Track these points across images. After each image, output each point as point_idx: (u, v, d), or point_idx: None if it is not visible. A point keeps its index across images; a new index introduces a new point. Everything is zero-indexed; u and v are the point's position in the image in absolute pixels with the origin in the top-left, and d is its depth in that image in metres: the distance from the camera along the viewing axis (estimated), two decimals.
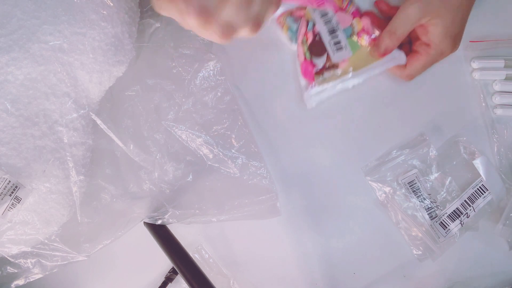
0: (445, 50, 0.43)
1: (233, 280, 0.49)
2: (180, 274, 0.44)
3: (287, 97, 0.49)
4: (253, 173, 0.46)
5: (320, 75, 0.46)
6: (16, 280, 0.43)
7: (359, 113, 0.49)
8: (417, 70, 0.45)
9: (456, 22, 0.42)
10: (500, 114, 0.48)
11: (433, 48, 0.43)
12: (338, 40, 0.45)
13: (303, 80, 0.47)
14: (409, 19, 0.42)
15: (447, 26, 0.42)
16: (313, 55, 0.45)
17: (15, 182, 0.37)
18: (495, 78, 0.48)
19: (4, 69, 0.37)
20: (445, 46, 0.43)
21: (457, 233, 0.46)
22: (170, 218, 0.45)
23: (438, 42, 0.42)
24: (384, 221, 0.49)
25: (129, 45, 0.43)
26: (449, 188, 0.48)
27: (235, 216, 0.45)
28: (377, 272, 0.49)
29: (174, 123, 0.46)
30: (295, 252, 0.49)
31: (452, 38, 0.42)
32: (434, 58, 0.44)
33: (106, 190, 0.45)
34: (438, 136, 0.49)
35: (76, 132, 0.41)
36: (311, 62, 0.45)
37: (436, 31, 0.42)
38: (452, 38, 0.42)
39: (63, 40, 0.38)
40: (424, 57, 0.43)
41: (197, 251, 0.49)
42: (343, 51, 0.45)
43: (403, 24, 0.42)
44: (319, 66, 0.45)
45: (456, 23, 0.42)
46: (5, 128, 0.37)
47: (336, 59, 0.45)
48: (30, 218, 0.40)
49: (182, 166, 0.46)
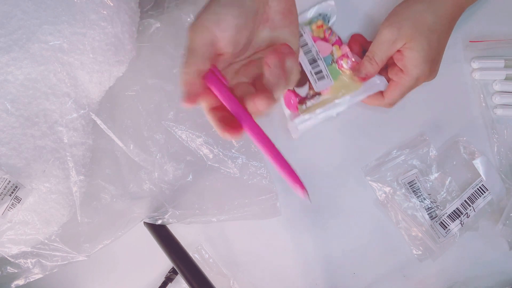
0: (420, 75, 0.41)
1: (233, 280, 0.49)
2: (180, 274, 0.44)
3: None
4: (253, 173, 0.46)
5: (303, 104, 0.45)
6: (16, 280, 0.43)
7: (359, 113, 0.49)
8: (395, 98, 0.43)
9: (433, 47, 0.40)
10: (500, 114, 0.48)
11: (407, 74, 0.41)
12: (319, 69, 0.44)
13: (286, 110, 0.47)
14: (384, 42, 0.41)
15: (423, 49, 0.40)
16: (295, 85, 0.45)
17: (15, 182, 0.37)
18: (495, 78, 0.48)
19: (4, 69, 0.37)
20: (420, 71, 0.41)
21: (457, 233, 0.46)
22: (170, 218, 0.45)
23: (413, 67, 0.41)
24: (384, 221, 0.49)
25: (129, 45, 0.43)
26: (449, 188, 0.48)
27: (235, 216, 0.45)
28: (377, 272, 0.49)
29: (174, 123, 0.46)
30: (295, 252, 0.49)
31: (428, 63, 0.41)
32: (410, 85, 0.42)
33: (106, 190, 0.45)
34: (438, 136, 0.49)
35: (76, 132, 0.41)
36: (294, 92, 0.45)
37: (411, 55, 0.40)
38: (428, 63, 0.41)
39: (63, 40, 0.38)
40: (399, 85, 0.42)
41: (197, 251, 0.49)
42: (325, 80, 0.45)
43: (380, 48, 0.41)
44: (302, 95, 0.45)
45: (432, 48, 0.40)
46: (5, 128, 0.37)
47: (319, 88, 0.45)
48: (30, 218, 0.40)
49: (182, 166, 0.46)
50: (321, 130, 0.49)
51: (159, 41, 0.47)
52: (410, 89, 0.43)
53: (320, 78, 0.45)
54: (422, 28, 0.40)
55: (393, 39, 0.40)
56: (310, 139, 0.49)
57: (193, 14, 0.48)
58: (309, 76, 0.45)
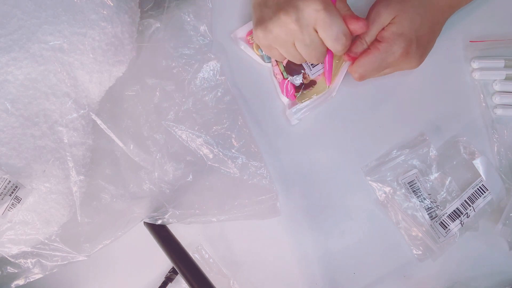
0: (395, 50, 0.41)
1: (233, 280, 0.49)
2: (180, 274, 0.44)
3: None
4: (253, 173, 0.46)
5: (300, 91, 0.47)
6: (16, 280, 0.43)
7: (359, 113, 0.49)
8: (367, 69, 0.42)
9: (417, 28, 0.41)
10: (500, 114, 0.48)
11: (384, 43, 0.41)
12: None
13: (284, 98, 0.48)
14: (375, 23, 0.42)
15: (404, 26, 0.41)
16: (290, 74, 0.47)
17: (15, 182, 0.37)
18: (495, 78, 0.48)
19: (4, 69, 0.37)
20: (396, 46, 0.41)
21: (457, 233, 0.46)
22: (170, 218, 0.45)
23: (389, 37, 0.41)
24: (384, 221, 0.49)
25: (129, 45, 0.43)
26: (449, 188, 0.48)
27: (235, 216, 0.45)
28: (377, 272, 0.49)
29: (174, 123, 0.46)
30: (295, 252, 0.49)
31: (405, 41, 0.41)
32: (383, 57, 0.41)
33: (106, 190, 0.45)
34: (438, 136, 0.49)
35: (76, 132, 0.41)
36: (289, 80, 0.47)
37: (391, 28, 0.41)
38: (406, 40, 0.41)
39: (63, 40, 0.38)
40: (372, 53, 0.42)
41: (197, 251, 0.49)
42: (318, 65, 0.46)
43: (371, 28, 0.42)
44: (297, 83, 0.47)
45: (415, 28, 0.41)
46: (5, 128, 0.37)
47: (313, 74, 0.47)
48: (30, 218, 0.40)
49: (182, 166, 0.46)
50: (321, 129, 0.49)
51: (159, 41, 0.47)
52: (383, 63, 0.42)
53: (314, 65, 0.46)
54: (407, 7, 0.41)
55: (382, 19, 0.41)
56: (310, 139, 0.49)
57: (193, 14, 0.48)
58: (303, 64, 0.46)
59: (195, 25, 0.48)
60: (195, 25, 0.48)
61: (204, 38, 0.48)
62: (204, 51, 0.48)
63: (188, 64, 0.47)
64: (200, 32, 0.48)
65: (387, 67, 0.43)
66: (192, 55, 0.47)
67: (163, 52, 0.47)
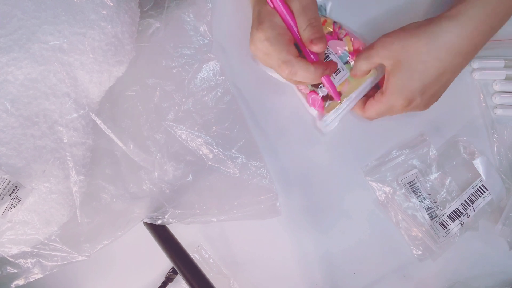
0: (394, 104, 0.40)
1: (233, 280, 0.49)
2: (180, 274, 0.44)
3: (287, 97, 0.49)
4: (253, 173, 0.46)
5: (327, 101, 0.46)
6: (16, 280, 0.43)
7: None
8: (372, 116, 0.44)
9: (414, 79, 0.38)
10: (500, 114, 0.48)
11: (384, 97, 0.41)
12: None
13: (313, 110, 0.47)
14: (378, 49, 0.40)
15: (403, 78, 0.38)
16: (314, 86, 0.46)
17: (15, 182, 0.37)
18: (495, 78, 0.48)
19: (4, 69, 0.37)
20: (394, 100, 0.40)
21: (457, 233, 0.46)
22: (170, 218, 0.45)
23: (389, 93, 0.40)
24: (384, 221, 0.49)
25: (129, 45, 0.43)
26: (449, 188, 0.48)
27: (235, 216, 0.45)
28: (377, 272, 0.49)
29: (174, 123, 0.46)
30: (295, 252, 0.49)
31: (407, 96, 0.39)
32: (386, 109, 0.42)
33: (106, 190, 0.45)
34: (438, 136, 0.49)
35: (76, 132, 0.41)
36: (316, 92, 0.46)
37: (391, 79, 0.39)
38: (407, 95, 0.39)
39: (63, 40, 0.38)
40: (377, 105, 0.42)
41: (197, 251, 0.49)
42: (340, 72, 0.45)
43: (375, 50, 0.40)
44: (324, 94, 0.45)
45: (416, 80, 0.38)
46: (5, 128, 0.37)
47: (337, 81, 0.45)
48: (30, 218, 0.40)
49: (182, 166, 0.46)
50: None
51: (159, 41, 0.47)
52: (387, 114, 0.43)
53: (337, 72, 0.45)
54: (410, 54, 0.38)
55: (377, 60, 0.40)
56: (310, 139, 0.49)
57: (193, 14, 0.48)
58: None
59: (195, 25, 0.48)
60: (195, 25, 0.48)
61: (204, 38, 0.48)
62: (204, 51, 0.48)
63: (188, 64, 0.47)
64: (200, 32, 0.48)
65: (393, 114, 0.43)
66: (192, 55, 0.47)
67: (163, 52, 0.47)
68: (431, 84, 0.39)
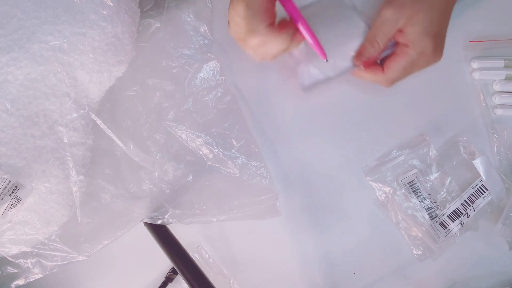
0: (425, 49, 0.40)
1: (233, 280, 0.49)
2: (180, 274, 0.44)
3: (287, 97, 0.49)
4: (253, 173, 0.46)
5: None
6: (16, 280, 0.43)
7: (359, 113, 0.49)
8: (397, 73, 0.42)
9: (435, 22, 0.40)
10: (500, 114, 0.48)
11: (411, 47, 0.40)
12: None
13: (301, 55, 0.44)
14: (385, 23, 0.40)
15: (425, 25, 0.39)
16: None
17: (15, 182, 0.37)
18: (495, 78, 0.48)
19: (4, 69, 0.37)
20: (424, 45, 0.40)
21: (457, 233, 0.46)
22: (170, 218, 0.45)
23: (416, 40, 0.40)
24: (384, 221, 0.49)
25: (129, 45, 0.43)
26: (449, 188, 0.48)
27: (235, 216, 0.45)
28: (377, 272, 0.49)
29: (174, 123, 0.46)
30: (295, 252, 0.49)
31: (431, 37, 0.40)
32: (414, 59, 0.41)
33: (106, 190, 0.45)
34: (438, 136, 0.49)
35: (76, 132, 0.41)
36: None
37: (413, 29, 0.40)
38: (431, 37, 0.40)
39: (63, 40, 0.38)
40: (403, 57, 0.41)
41: (197, 251, 0.49)
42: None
43: (381, 29, 0.41)
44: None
45: (434, 23, 0.40)
46: (5, 128, 0.37)
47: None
48: (30, 218, 0.40)
49: (182, 166, 0.46)
50: (321, 130, 0.49)
51: (159, 41, 0.47)
52: (415, 65, 0.42)
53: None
54: (422, 6, 0.39)
55: (394, 18, 0.40)
56: (311, 139, 0.49)
57: (193, 14, 0.48)
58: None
59: (195, 25, 0.48)
60: (195, 25, 0.48)
61: (204, 38, 0.48)
62: (204, 51, 0.48)
63: (188, 64, 0.47)
64: (200, 32, 0.48)
65: (417, 68, 0.42)
66: (192, 55, 0.47)
67: (163, 52, 0.47)
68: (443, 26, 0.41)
